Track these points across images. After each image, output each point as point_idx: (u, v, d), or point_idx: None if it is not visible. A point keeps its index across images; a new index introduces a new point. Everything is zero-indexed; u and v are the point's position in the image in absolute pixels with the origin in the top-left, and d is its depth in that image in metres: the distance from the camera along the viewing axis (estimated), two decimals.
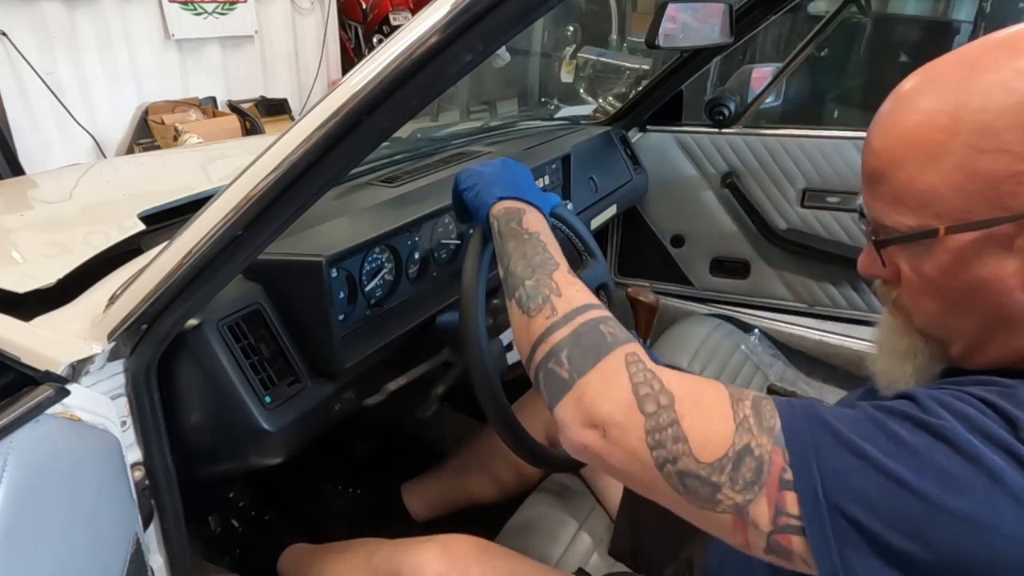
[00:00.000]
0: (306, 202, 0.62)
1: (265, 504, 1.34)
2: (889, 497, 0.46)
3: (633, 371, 0.55)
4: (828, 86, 3.21)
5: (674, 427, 0.51)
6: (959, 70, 0.51)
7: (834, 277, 1.70)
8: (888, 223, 0.55)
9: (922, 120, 0.51)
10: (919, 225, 0.53)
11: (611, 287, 1.07)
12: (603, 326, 0.60)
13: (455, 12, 0.51)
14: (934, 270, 0.54)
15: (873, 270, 0.60)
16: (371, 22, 4.47)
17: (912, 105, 0.53)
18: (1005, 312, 0.52)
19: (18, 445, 0.61)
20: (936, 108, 0.51)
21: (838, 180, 1.62)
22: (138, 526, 0.75)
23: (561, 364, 0.58)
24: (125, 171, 1.59)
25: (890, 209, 0.54)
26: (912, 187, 0.52)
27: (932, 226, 0.52)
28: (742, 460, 0.49)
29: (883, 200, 0.55)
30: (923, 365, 0.60)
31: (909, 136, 0.52)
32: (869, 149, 0.56)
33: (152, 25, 3.45)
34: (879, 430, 0.48)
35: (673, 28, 1.27)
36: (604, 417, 0.54)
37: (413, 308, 1.02)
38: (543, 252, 0.71)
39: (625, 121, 1.81)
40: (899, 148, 0.53)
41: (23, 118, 3.10)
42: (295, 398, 0.84)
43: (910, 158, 0.52)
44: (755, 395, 0.53)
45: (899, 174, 0.53)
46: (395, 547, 0.92)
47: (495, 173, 0.84)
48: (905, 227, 0.54)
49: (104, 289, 0.80)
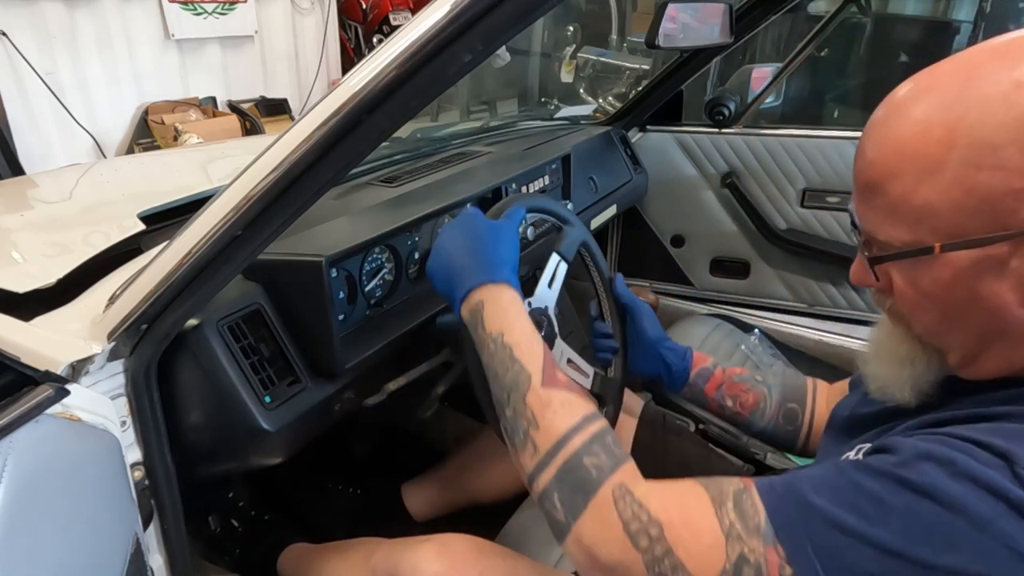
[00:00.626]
0: (306, 202, 0.62)
1: (265, 504, 1.34)
2: (886, 569, 0.46)
3: (621, 507, 0.55)
4: (828, 86, 3.21)
5: (670, 557, 0.52)
6: (957, 80, 0.50)
7: (834, 277, 1.70)
8: (882, 237, 0.54)
9: (919, 131, 0.50)
10: (914, 241, 0.52)
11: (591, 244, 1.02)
12: (587, 458, 0.59)
13: (455, 12, 0.51)
14: (930, 285, 0.53)
15: (866, 280, 0.59)
16: (371, 22, 4.47)
17: (907, 114, 0.51)
18: (1002, 326, 0.52)
19: (18, 445, 0.61)
20: (933, 120, 0.49)
21: (838, 180, 1.62)
22: (138, 526, 0.75)
23: (555, 507, 0.59)
24: (125, 171, 1.59)
25: (884, 222, 0.53)
26: (907, 201, 0.51)
27: (927, 243, 0.51)
28: (740, 570, 0.50)
29: (877, 212, 0.54)
30: (920, 372, 0.59)
31: (905, 147, 0.51)
32: (863, 158, 0.55)
33: (152, 25, 3.45)
34: (860, 495, 0.48)
35: (673, 28, 1.27)
36: (605, 560, 0.56)
37: (413, 308, 1.02)
38: (512, 364, 0.67)
39: (625, 121, 1.81)
40: (895, 159, 0.51)
41: (23, 118, 3.10)
42: (295, 398, 0.84)
43: (906, 171, 0.50)
44: (735, 490, 0.54)
45: (894, 187, 0.51)
46: (394, 547, 0.92)
47: (450, 253, 0.77)
48: (900, 242, 0.53)
49: (104, 289, 0.80)
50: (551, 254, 0.96)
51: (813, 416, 0.94)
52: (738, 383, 0.97)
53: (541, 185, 1.35)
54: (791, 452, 0.99)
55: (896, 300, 0.57)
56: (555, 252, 0.96)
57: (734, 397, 0.97)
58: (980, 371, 0.56)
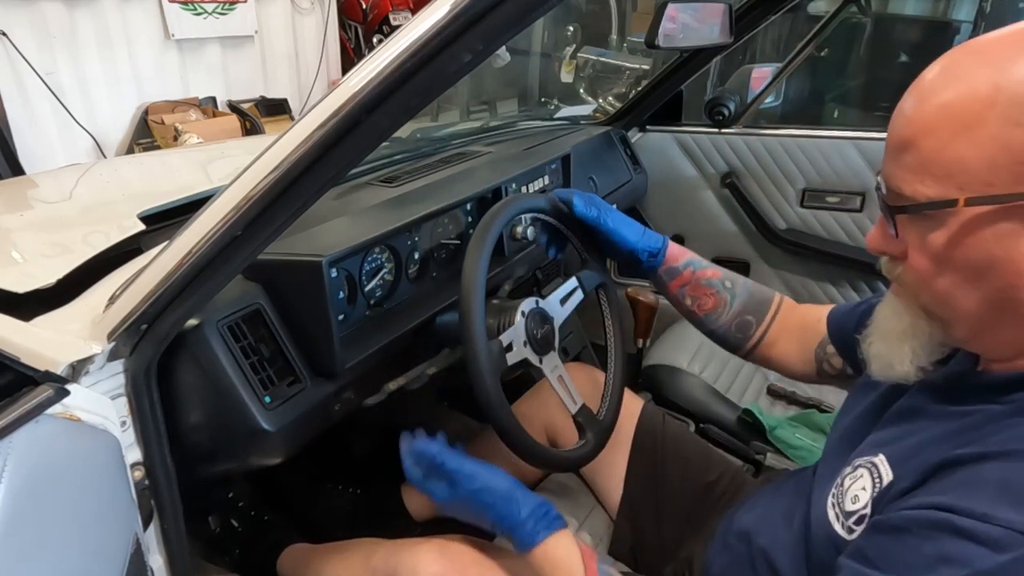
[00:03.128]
0: (306, 202, 0.62)
1: (265, 504, 1.34)
2: None
3: None
4: (828, 86, 3.21)
5: None
6: (1008, 45, 0.51)
7: (834, 277, 1.70)
8: (908, 192, 0.54)
9: (963, 90, 0.51)
10: (939, 195, 0.52)
11: (610, 287, 1.07)
12: None
13: (455, 12, 0.51)
14: (946, 243, 0.53)
15: (882, 245, 0.60)
16: (371, 22, 4.47)
17: (954, 75, 0.52)
18: (1013, 295, 0.52)
19: (18, 445, 0.61)
20: (979, 79, 0.50)
21: (838, 180, 1.62)
22: (138, 526, 0.75)
23: None
24: (125, 171, 1.59)
25: (913, 178, 0.53)
26: (940, 155, 0.51)
27: (952, 196, 0.51)
28: None
29: (907, 169, 0.54)
30: (922, 345, 0.60)
31: (947, 105, 0.51)
32: (901, 116, 0.55)
33: (152, 25, 3.45)
34: None
35: (673, 28, 1.27)
36: None
37: (413, 308, 1.02)
38: None
39: (625, 121, 1.81)
40: (934, 116, 0.52)
41: (23, 118, 3.10)
42: (295, 398, 0.84)
43: (944, 126, 0.51)
44: None
45: (929, 141, 0.52)
46: (393, 547, 0.92)
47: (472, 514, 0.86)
48: (924, 197, 0.53)
49: (104, 289, 0.80)
50: (571, 277, 1.00)
51: (767, 332, 0.97)
52: (704, 286, 1.00)
53: (541, 185, 1.35)
54: (735, 353, 1.02)
55: (908, 265, 0.58)
56: (576, 277, 1.00)
57: (694, 298, 1.00)
58: (990, 349, 0.56)
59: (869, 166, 1.58)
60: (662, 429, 1.13)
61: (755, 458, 1.25)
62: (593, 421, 0.96)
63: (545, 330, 0.93)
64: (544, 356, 0.93)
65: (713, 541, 0.89)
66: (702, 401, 1.40)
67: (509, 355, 0.89)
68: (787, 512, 0.77)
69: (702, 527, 0.98)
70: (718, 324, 0.99)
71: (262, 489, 1.38)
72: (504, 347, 0.89)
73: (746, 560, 0.78)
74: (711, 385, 1.44)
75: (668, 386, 1.44)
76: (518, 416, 0.89)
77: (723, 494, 1.05)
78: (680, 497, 1.06)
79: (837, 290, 1.70)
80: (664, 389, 1.44)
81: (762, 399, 1.47)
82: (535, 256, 1.29)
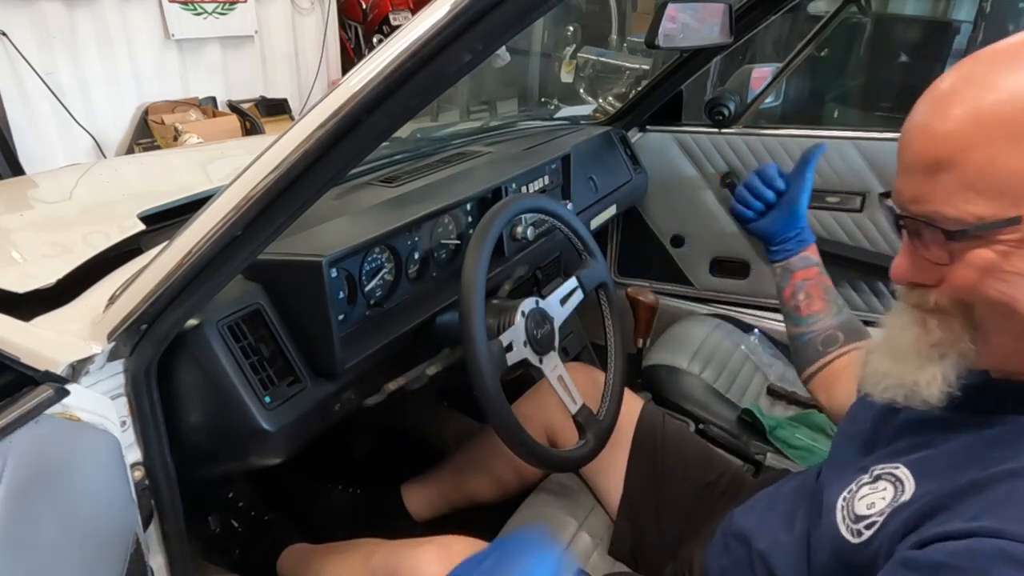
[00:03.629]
0: (306, 202, 0.62)
1: (265, 504, 1.34)
2: None
3: None
4: (828, 86, 3.21)
5: None
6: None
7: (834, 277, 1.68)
8: (952, 214, 0.49)
9: (1004, 98, 0.47)
10: (994, 214, 0.47)
11: (610, 287, 1.07)
12: None
13: (455, 12, 0.51)
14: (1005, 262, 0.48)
15: (914, 275, 0.55)
16: (371, 22, 4.47)
17: (989, 83, 0.48)
18: None
19: (18, 445, 0.61)
20: (1008, 81, 0.47)
21: (838, 180, 1.62)
22: (138, 526, 0.75)
23: None
24: (125, 171, 1.59)
25: (956, 198, 0.49)
26: (988, 171, 0.47)
27: (1011, 214, 0.47)
28: None
29: (947, 189, 0.49)
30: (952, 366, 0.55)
31: (987, 115, 0.47)
32: (925, 132, 0.51)
33: (152, 25, 3.45)
34: None
35: (673, 28, 1.27)
36: None
37: (413, 308, 1.02)
38: None
39: (625, 121, 1.81)
40: (974, 129, 0.48)
41: (23, 118, 3.09)
42: (295, 398, 0.84)
43: (988, 139, 0.47)
44: None
45: (973, 158, 0.47)
46: (393, 548, 0.92)
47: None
48: (973, 216, 0.48)
49: (104, 289, 0.80)
50: (571, 277, 1.00)
51: (844, 355, 0.97)
52: (822, 289, 1.03)
53: (541, 185, 1.35)
54: (802, 372, 1.02)
55: (947, 290, 0.53)
56: (576, 277, 1.00)
57: (808, 295, 1.03)
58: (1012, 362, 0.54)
59: (869, 166, 1.58)
60: (662, 429, 1.13)
61: (755, 458, 1.25)
62: (593, 421, 0.96)
63: (545, 330, 0.93)
64: (544, 356, 0.94)
65: (713, 542, 0.88)
66: (702, 401, 1.40)
67: (509, 355, 0.89)
68: (788, 515, 0.76)
69: (702, 527, 0.98)
70: (812, 328, 1.01)
71: (262, 489, 1.38)
72: (504, 347, 0.89)
73: (746, 563, 0.78)
74: (711, 385, 1.44)
75: (668, 386, 1.44)
76: (518, 416, 0.89)
77: (723, 494, 1.05)
78: (680, 497, 1.06)
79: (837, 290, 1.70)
80: (664, 389, 1.44)
81: (762, 399, 1.47)
82: (535, 256, 1.29)
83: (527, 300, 0.94)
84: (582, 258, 1.06)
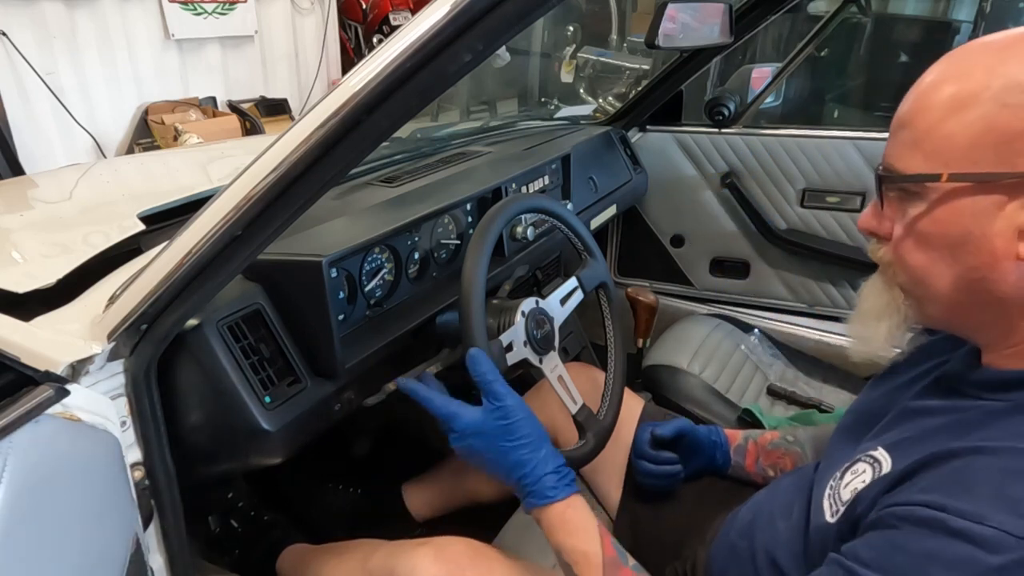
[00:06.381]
0: (306, 202, 0.62)
1: (264, 504, 1.34)
2: None
3: None
4: (828, 86, 3.21)
5: None
6: (1010, 42, 0.53)
7: (834, 277, 1.70)
8: (899, 167, 0.57)
9: (962, 71, 0.54)
10: (926, 170, 0.54)
11: (610, 287, 1.07)
12: None
13: (455, 12, 0.51)
14: (926, 216, 0.55)
15: (871, 223, 0.62)
16: (371, 22, 4.47)
17: (956, 65, 0.55)
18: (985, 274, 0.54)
19: (18, 445, 0.61)
20: (977, 66, 0.53)
21: (838, 180, 1.62)
22: (138, 526, 0.75)
23: None
24: (125, 171, 1.59)
25: (905, 153, 0.56)
26: (931, 134, 0.54)
27: (937, 171, 0.53)
28: None
29: (902, 145, 0.57)
30: (897, 324, 0.63)
31: (945, 87, 0.54)
32: (905, 101, 0.58)
33: (152, 25, 3.45)
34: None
35: (673, 28, 1.27)
36: None
37: (413, 308, 1.02)
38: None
39: (625, 121, 1.81)
40: (932, 97, 0.55)
41: (23, 118, 3.10)
42: (295, 398, 0.84)
43: (939, 106, 0.54)
44: None
45: (923, 120, 0.55)
46: (391, 549, 0.92)
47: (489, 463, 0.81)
48: (913, 171, 0.55)
49: (104, 289, 0.80)
50: (571, 277, 1.00)
51: None
52: (771, 451, 1.00)
53: (541, 185, 1.35)
54: None
55: (891, 242, 0.60)
56: (576, 277, 1.00)
57: (773, 465, 1.00)
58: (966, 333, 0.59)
59: (869, 166, 1.58)
60: None
61: None
62: (593, 421, 0.96)
63: (545, 330, 0.93)
64: (544, 356, 0.93)
65: (716, 540, 0.89)
66: (702, 401, 1.40)
67: (509, 355, 0.89)
68: (786, 505, 0.77)
69: (703, 526, 0.98)
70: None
71: (262, 489, 1.38)
72: (504, 347, 0.89)
73: (747, 556, 0.78)
74: (711, 385, 1.44)
75: (668, 386, 1.44)
76: None
77: (724, 493, 1.05)
78: (680, 497, 1.06)
79: (837, 290, 1.70)
80: (664, 389, 1.44)
81: (762, 399, 1.47)
82: (535, 256, 1.29)
83: (527, 300, 0.94)
84: (582, 258, 1.06)
